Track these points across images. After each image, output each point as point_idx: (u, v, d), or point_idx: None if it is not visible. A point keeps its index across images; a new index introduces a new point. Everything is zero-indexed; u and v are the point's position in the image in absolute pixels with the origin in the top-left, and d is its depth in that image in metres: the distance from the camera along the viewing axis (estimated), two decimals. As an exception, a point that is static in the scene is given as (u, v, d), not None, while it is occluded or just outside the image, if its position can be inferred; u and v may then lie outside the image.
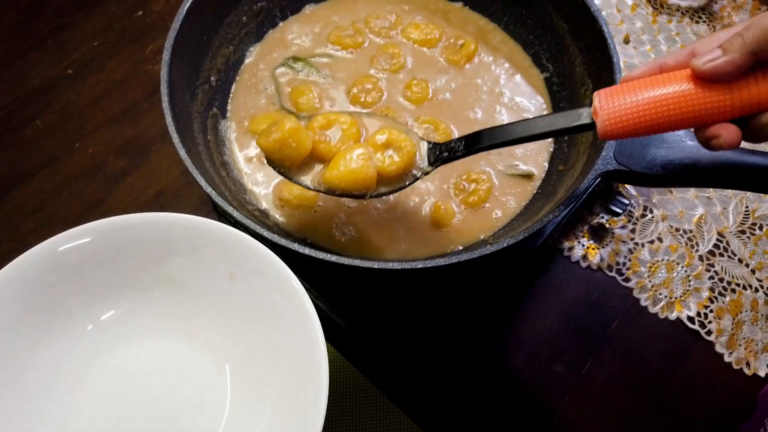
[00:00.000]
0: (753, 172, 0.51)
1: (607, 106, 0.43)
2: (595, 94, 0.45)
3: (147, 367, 0.53)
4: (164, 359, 0.53)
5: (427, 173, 0.53)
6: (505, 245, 0.52)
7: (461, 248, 0.61)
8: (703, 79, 0.41)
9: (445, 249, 0.61)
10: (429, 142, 0.54)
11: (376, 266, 0.52)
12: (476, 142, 0.51)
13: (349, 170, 0.51)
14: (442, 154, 0.52)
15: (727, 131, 0.41)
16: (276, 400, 0.50)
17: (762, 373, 0.66)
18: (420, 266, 0.52)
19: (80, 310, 0.52)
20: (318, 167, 0.53)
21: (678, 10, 0.90)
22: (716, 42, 0.41)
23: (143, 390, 0.52)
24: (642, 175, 0.54)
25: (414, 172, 0.53)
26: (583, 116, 0.46)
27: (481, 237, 0.62)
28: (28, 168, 0.76)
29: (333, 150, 0.52)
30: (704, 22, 0.88)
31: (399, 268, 0.51)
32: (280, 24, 0.74)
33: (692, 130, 0.44)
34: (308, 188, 0.53)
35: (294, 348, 0.49)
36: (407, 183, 0.53)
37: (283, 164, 0.52)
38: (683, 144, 0.54)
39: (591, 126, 0.45)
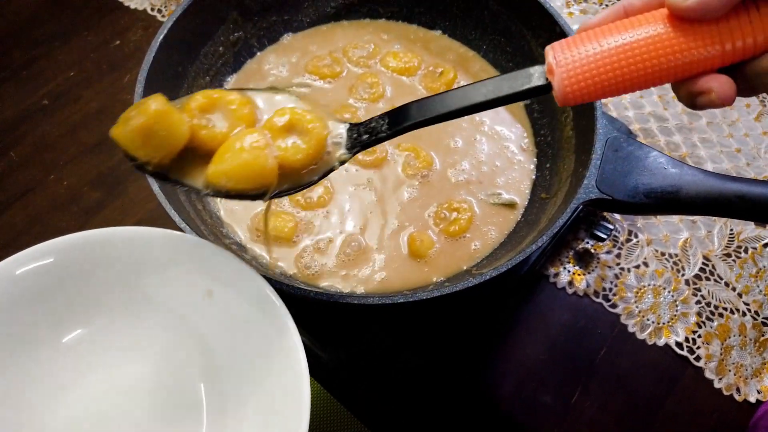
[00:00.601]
0: (737, 200, 0.51)
1: (565, 60, 0.35)
2: (548, 47, 0.36)
3: (118, 388, 0.50)
4: (136, 379, 0.51)
5: (343, 162, 0.43)
6: (488, 278, 0.51)
7: (443, 279, 0.60)
8: (683, 19, 0.33)
9: (428, 280, 0.60)
10: (344, 123, 0.44)
11: (356, 301, 0.50)
12: (403, 118, 0.42)
13: (238, 163, 0.40)
14: (362, 136, 0.43)
15: (719, 83, 0.33)
16: (254, 421, 0.47)
17: (752, 399, 0.65)
18: (401, 300, 0.50)
19: (45, 332, 0.49)
20: (201, 162, 0.42)
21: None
22: None
23: (114, 412, 0.50)
24: (625, 203, 0.54)
25: (327, 159, 0.43)
26: (534, 77, 0.37)
27: (464, 267, 0.61)
28: (1, 201, 0.74)
29: (218, 138, 0.41)
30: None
31: (379, 302, 0.50)
32: (258, 54, 0.73)
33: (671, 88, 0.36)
34: (199, 192, 0.42)
35: (273, 366, 0.46)
36: (318, 177, 0.43)
37: (152, 161, 0.40)
38: (666, 171, 0.53)
39: (546, 88, 0.37)
